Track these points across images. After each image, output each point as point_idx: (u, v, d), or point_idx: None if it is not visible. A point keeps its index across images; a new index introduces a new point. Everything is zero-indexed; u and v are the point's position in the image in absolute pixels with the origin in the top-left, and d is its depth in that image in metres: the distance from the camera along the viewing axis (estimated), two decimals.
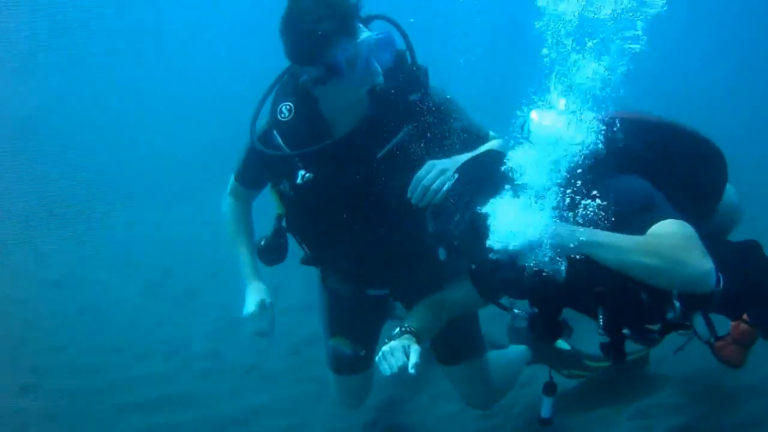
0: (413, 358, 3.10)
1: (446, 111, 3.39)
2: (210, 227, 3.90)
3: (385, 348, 3.22)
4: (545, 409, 3.75)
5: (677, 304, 2.91)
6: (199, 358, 6.25)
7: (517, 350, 4.70)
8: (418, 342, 3.24)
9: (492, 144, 3.44)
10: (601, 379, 4.74)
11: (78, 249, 8.55)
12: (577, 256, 2.79)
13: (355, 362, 4.22)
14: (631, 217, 2.83)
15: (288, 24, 3.18)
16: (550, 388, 3.73)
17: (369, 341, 4.20)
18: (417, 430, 4.96)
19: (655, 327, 3.17)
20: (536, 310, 3.17)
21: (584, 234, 2.73)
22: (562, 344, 4.48)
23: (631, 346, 3.16)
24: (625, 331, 3.11)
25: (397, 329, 3.35)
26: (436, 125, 3.33)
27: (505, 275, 2.87)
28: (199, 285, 7.63)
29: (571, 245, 2.72)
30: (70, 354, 6.28)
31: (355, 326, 4.12)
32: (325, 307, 4.25)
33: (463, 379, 4.33)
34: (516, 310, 3.31)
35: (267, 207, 3.74)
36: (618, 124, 3.02)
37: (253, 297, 3.72)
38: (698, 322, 3.25)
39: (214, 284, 7.39)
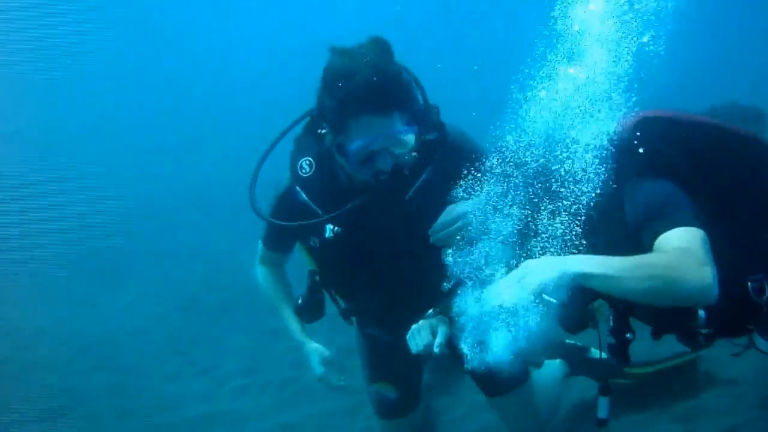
0: (439, 338, 3.17)
1: (464, 148, 3.33)
2: (248, 241, 3.88)
3: (414, 326, 3.27)
4: (602, 410, 3.55)
5: (702, 313, 2.78)
6: (234, 375, 6.20)
7: (552, 367, 4.55)
8: (450, 324, 3.23)
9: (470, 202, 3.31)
10: (645, 384, 4.57)
11: (113, 264, 8.58)
12: None
13: (399, 406, 4.20)
14: (643, 226, 2.72)
15: (331, 74, 3.12)
16: (605, 388, 3.56)
17: (411, 384, 4.19)
18: None
19: (704, 331, 3.02)
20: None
21: (573, 265, 2.56)
22: (596, 353, 4.32)
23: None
24: (628, 335, 3.01)
25: (431, 310, 3.35)
26: (456, 163, 3.20)
27: None
28: (235, 300, 7.55)
29: (561, 280, 2.54)
30: (103, 374, 6.26)
31: (396, 370, 4.06)
32: (365, 354, 4.20)
33: (509, 410, 4.20)
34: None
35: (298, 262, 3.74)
36: (648, 125, 2.90)
37: (315, 358, 3.78)
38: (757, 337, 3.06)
39: (250, 298, 7.27)
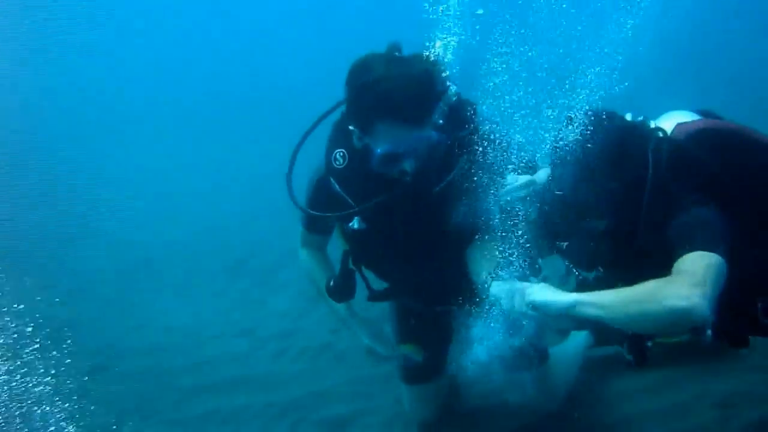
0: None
1: (495, 144, 3.29)
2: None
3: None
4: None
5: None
6: (273, 337, 6.22)
7: (578, 339, 4.53)
8: None
9: (541, 172, 3.31)
10: (683, 365, 4.52)
11: (165, 227, 8.69)
12: None
13: (424, 371, 4.27)
14: (674, 247, 2.71)
15: (357, 78, 3.18)
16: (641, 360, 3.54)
17: (439, 349, 4.25)
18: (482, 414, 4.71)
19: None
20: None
21: (569, 296, 2.70)
22: None
23: None
24: (648, 343, 3.18)
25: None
26: (486, 159, 3.29)
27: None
28: (281, 262, 7.58)
29: (555, 310, 2.74)
30: (146, 334, 6.33)
31: (425, 334, 4.17)
32: (395, 316, 4.28)
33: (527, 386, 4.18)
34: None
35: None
36: (709, 138, 2.99)
37: (363, 331, 3.97)
38: None
39: (295, 262, 7.27)
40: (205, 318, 6.61)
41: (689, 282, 2.48)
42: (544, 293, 2.81)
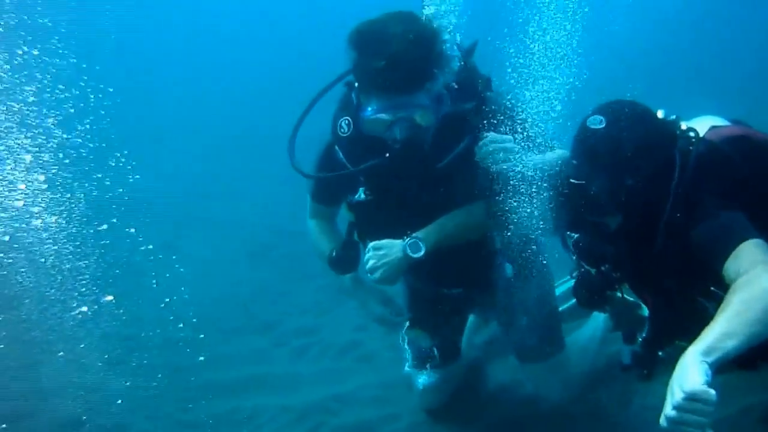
0: None
1: (505, 119, 3.31)
2: None
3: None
4: (625, 357, 3.49)
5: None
6: (295, 334, 5.96)
7: (595, 322, 4.47)
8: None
9: (557, 153, 3.29)
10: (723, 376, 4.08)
11: (186, 211, 8.48)
12: None
13: (433, 357, 4.21)
14: (710, 257, 2.73)
15: (367, 53, 3.27)
16: (630, 338, 3.48)
17: (450, 337, 4.24)
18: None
19: None
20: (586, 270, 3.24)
21: (708, 353, 2.52)
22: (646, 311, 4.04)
23: None
24: (660, 354, 3.09)
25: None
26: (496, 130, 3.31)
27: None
28: (305, 249, 7.24)
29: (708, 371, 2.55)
30: (163, 327, 6.02)
31: (434, 319, 4.11)
32: (406, 300, 4.26)
33: (540, 377, 4.22)
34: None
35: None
36: (743, 147, 2.96)
37: (372, 299, 4.00)
38: None
39: None
40: (225, 310, 6.35)
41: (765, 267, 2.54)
42: (692, 379, 2.52)
